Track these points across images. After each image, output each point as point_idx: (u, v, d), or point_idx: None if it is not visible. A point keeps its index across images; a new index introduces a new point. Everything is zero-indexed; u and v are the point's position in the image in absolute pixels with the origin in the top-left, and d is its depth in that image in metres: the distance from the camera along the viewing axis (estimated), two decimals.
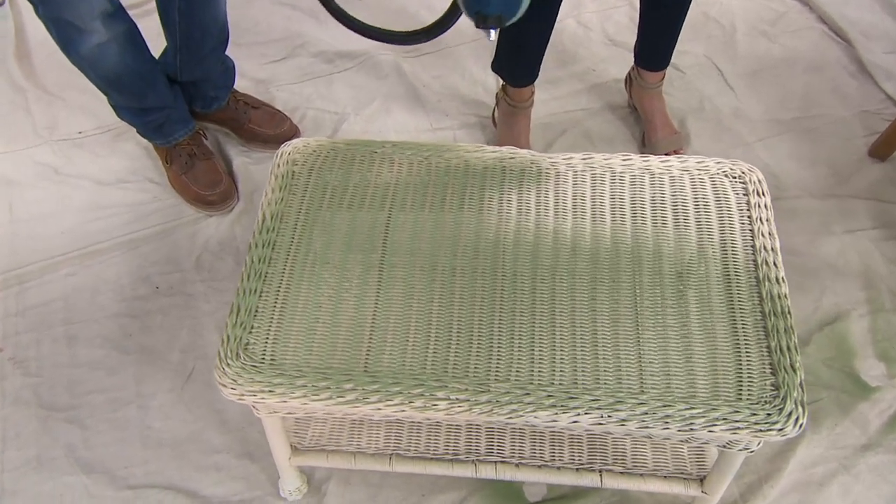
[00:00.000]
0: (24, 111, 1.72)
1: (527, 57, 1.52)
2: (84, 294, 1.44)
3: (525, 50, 1.50)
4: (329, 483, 1.22)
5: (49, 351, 1.37)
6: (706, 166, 1.05)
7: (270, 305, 0.94)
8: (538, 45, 1.49)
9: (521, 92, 1.58)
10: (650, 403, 0.85)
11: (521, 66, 1.54)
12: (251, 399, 0.88)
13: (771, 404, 0.85)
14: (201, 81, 1.55)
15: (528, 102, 1.60)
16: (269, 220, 1.01)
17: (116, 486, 1.22)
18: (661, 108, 1.63)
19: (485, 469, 1.10)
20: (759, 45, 1.86)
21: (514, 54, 1.52)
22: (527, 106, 1.61)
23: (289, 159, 1.07)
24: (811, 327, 1.39)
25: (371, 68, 1.81)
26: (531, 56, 1.52)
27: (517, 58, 1.53)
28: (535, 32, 1.46)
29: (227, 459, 1.25)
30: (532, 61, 1.53)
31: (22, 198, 1.58)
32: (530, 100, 1.60)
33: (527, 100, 1.60)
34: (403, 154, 1.08)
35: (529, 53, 1.51)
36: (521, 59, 1.53)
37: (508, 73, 1.56)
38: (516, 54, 1.52)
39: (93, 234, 1.52)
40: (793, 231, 1.51)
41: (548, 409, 0.86)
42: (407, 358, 0.90)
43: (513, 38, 1.47)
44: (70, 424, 1.29)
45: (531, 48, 1.50)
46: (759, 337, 0.90)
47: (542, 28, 1.45)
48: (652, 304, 0.93)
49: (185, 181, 1.55)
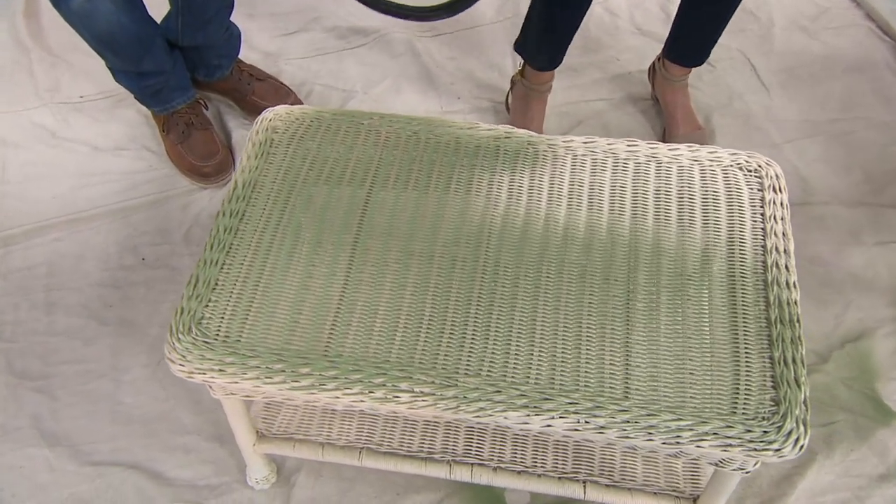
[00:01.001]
0: (27, 72, 1.69)
1: (554, 40, 1.43)
2: (69, 260, 1.40)
3: (554, 32, 1.41)
4: (299, 474, 1.16)
5: (27, 316, 1.33)
6: (719, 157, 0.96)
7: (232, 279, 0.87)
8: (568, 28, 1.40)
9: (541, 75, 1.49)
10: (633, 411, 0.77)
11: (547, 48, 1.45)
12: (200, 377, 0.82)
13: (769, 421, 0.76)
14: (204, 48, 1.49)
15: (546, 87, 1.52)
16: (241, 189, 0.95)
17: (79, 462, 1.17)
18: (684, 103, 1.53)
19: (460, 471, 1.02)
20: (798, 41, 1.75)
21: (542, 35, 1.42)
22: (544, 90, 1.52)
23: (269, 126, 1.01)
24: (832, 343, 1.28)
25: (384, 46, 1.73)
26: (559, 39, 1.42)
27: (544, 40, 1.43)
28: (568, 15, 1.36)
29: (197, 442, 1.19)
30: (559, 45, 1.44)
31: (16, 159, 1.54)
32: (548, 84, 1.52)
33: (545, 83, 1.51)
34: (391, 127, 1.01)
35: (558, 36, 1.42)
36: (549, 41, 1.43)
37: (532, 55, 1.47)
38: (543, 36, 1.42)
39: (84, 200, 1.47)
40: (819, 239, 1.41)
41: (519, 410, 0.78)
42: (371, 345, 0.82)
43: (542, 17, 1.38)
44: (39, 394, 1.24)
45: (560, 31, 1.40)
46: (762, 346, 0.81)
47: (575, 11, 1.36)
48: (646, 304, 0.84)
49: (180, 151, 1.49)
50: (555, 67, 1.49)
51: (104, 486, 1.15)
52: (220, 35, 1.49)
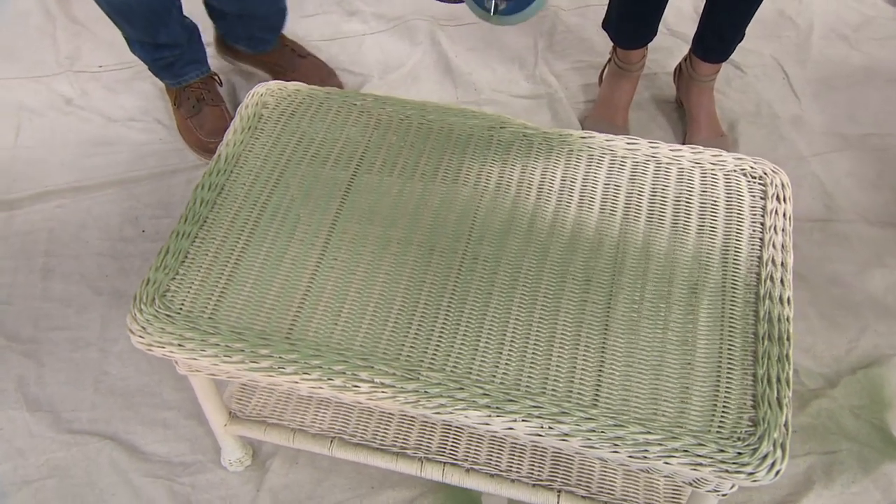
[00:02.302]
0: (50, 39, 1.70)
1: (643, 14, 1.38)
2: (70, 228, 1.40)
3: (641, 5, 1.37)
4: (274, 459, 1.13)
5: (24, 280, 1.33)
6: (723, 161, 0.91)
7: (203, 253, 0.85)
8: (655, 4, 1.35)
9: (630, 54, 1.46)
10: (600, 420, 0.73)
11: (634, 24, 1.41)
12: (160, 351, 0.80)
13: (744, 442, 0.71)
14: (248, 17, 1.47)
15: (637, 66, 1.48)
16: (223, 163, 0.92)
17: (58, 429, 1.16)
18: (708, 106, 1.47)
19: (431, 469, 0.98)
20: (837, 50, 1.67)
21: (628, 10, 1.38)
22: (634, 70, 1.48)
23: (259, 101, 0.98)
24: (842, 368, 1.21)
25: (405, 33, 1.70)
26: (648, 13, 1.38)
27: (631, 14, 1.39)
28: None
29: (177, 418, 1.18)
30: (646, 20, 1.40)
31: (31, 124, 1.55)
32: (639, 63, 1.47)
33: (636, 62, 1.47)
34: (384, 109, 0.98)
35: (646, 10, 1.38)
36: (634, 16, 1.39)
37: (618, 32, 1.44)
38: (630, 9, 1.38)
39: (91, 169, 1.48)
40: (839, 258, 1.34)
41: (481, 410, 0.74)
42: (336, 331, 0.79)
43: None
44: (27, 358, 1.24)
45: (649, 4, 1.36)
46: (745, 362, 0.76)
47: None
48: (627, 308, 0.80)
49: (189, 125, 1.49)
50: (646, 44, 1.44)
51: (80, 455, 1.14)
52: (266, 3, 1.47)
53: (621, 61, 1.47)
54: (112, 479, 1.12)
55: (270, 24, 1.53)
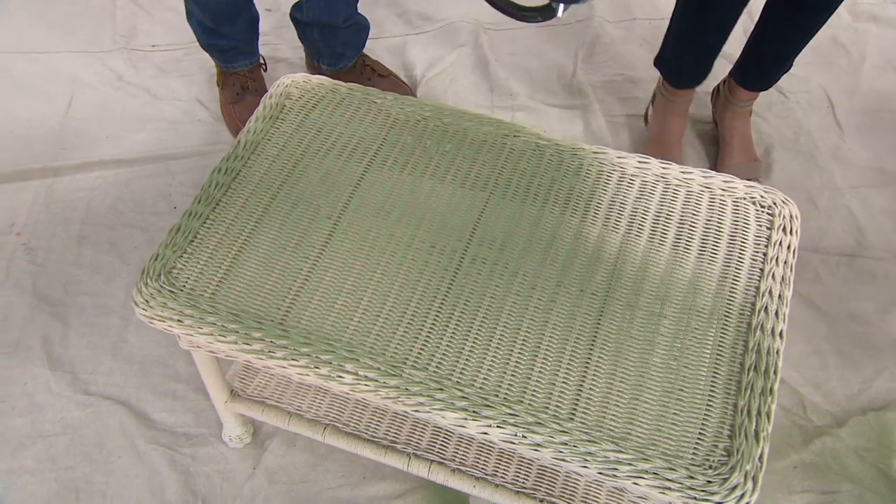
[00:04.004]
0: (109, 16, 1.77)
1: (701, 55, 1.35)
2: (107, 199, 1.46)
3: (698, 46, 1.32)
4: (273, 440, 1.17)
5: (60, 245, 1.40)
6: (734, 187, 0.90)
7: (211, 234, 0.88)
8: (716, 41, 1.31)
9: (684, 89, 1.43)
10: (574, 434, 0.73)
11: (691, 64, 1.37)
12: (160, 325, 0.83)
13: (715, 471, 0.71)
14: (330, 31, 1.50)
15: (689, 100, 1.44)
16: (242, 149, 0.96)
17: (75, 389, 1.22)
18: (743, 130, 1.45)
19: (417, 465, 1.00)
20: (888, 82, 1.62)
21: (685, 51, 1.34)
22: (686, 103, 1.44)
23: (284, 91, 1.01)
24: (852, 408, 1.19)
25: (449, 34, 1.72)
26: (707, 54, 1.34)
27: (688, 55, 1.35)
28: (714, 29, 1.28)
29: (186, 391, 1.22)
30: (706, 60, 1.36)
31: (82, 97, 1.62)
32: (692, 94, 1.45)
33: (688, 96, 1.44)
34: (402, 109, 1.00)
35: (705, 51, 1.34)
36: (694, 57, 1.36)
37: (673, 72, 1.40)
38: (685, 51, 1.34)
39: (133, 144, 1.53)
40: (864, 295, 1.31)
41: (458, 412, 0.75)
42: (328, 321, 0.81)
43: (684, 31, 1.30)
44: (54, 319, 1.30)
45: (706, 46, 1.32)
46: (729, 391, 0.75)
47: (724, 20, 1.27)
48: (617, 325, 0.80)
49: (231, 110, 1.53)
50: (699, 83, 1.41)
51: (93, 417, 1.19)
52: (345, 14, 1.48)
53: (674, 96, 1.44)
54: (119, 442, 1.17)
55: (352, 40, 1.54)
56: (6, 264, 1.37)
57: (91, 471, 1.14)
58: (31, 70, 1.67)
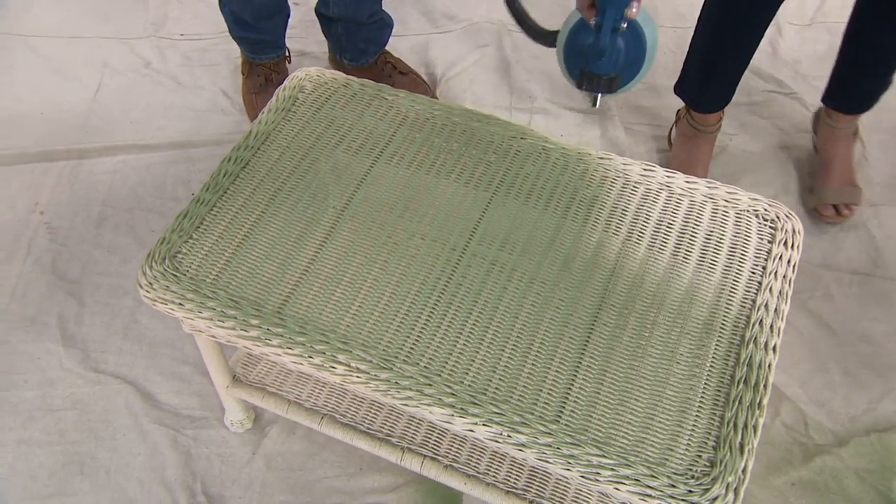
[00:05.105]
0: (142, 4, 1.81)
1: (720, 80, 1.32)
2: (128, 183, 1.49)
3: (719, 71, 1.30)
4: (273, 427, 1.19)
5: (80, 225, 1.43)
6: (737, 199, 0.90)
7: (217, 222, 0.90)
8: (736, 67, 1.29)
9: (708, 116, 1.39)
10: (558, 436, 0.74)
11: (711, 89, 1.34)
12: (162, 307, 0.85)
13: (697, 481, 0.71)
14: (354, 27, 1.51)
15: (715, 127, 1.41)
16: (252, 139, 0.97)
17: (86, 366, 1.25)
18: (845, 154, 1.40)
19: (410, 459, 1.01)
20: None
21: (705, 75, 1.32)
22: (712, 131, 1.41)
23: (297, 85, 1.03)
24: (855, 428, 1.17)
25: (472, 35, 1.73)
26: (726, 79, 1.32)
27: (708, 80, 1.33)
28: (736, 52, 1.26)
29: (192, 374, 1.25)
30: (726, 85, 1.33)
31: (111, 82, 1.66)
32: (718, 124, 1.41)
33: (713, 124, 1.40)
34: (412, 107, 1.01)
35: (724, 76, 1.31)
36: (714, 81, 1.33)
37: (695, 97, 1.38)
38: (707, 75, 1.32)
39: (156, 130, 1.57)
40: (876, 316, 1.29)
41: (445, 408, 0.76)
42: (325, 312, 0.83)
43: (706, 56, 1.28)
44: (70, 297, 1.33)
45: (728, 70, 1.30)
46: (716, 403, 0.75)
47: (744, 46, 1.25)
48: (610, 331, 0.80)
49: (253, 100, 1.56)
50: (722, 108, 1.38)
51: (101, 394, 1.22)
52: (370, 10, 1.49)
53: (697, 123, 1.40)
54: (125, 420, 1.20)
55: (375, 36, 1.56)
56: (28, 242, 1.40)
57: (96, 446, 1.17)
58: (66, 54, 1.71)
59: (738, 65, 1.30)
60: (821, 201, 1.39)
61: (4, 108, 1.61)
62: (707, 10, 1.25)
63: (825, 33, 1.71)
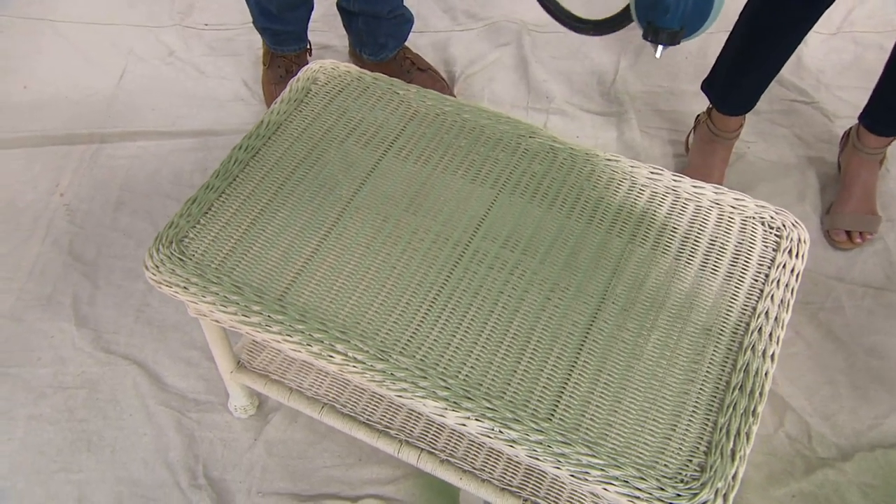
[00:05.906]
0: None
1: (749, 83, 1.30)
2: (147, 169, 1.51)
3: (751, 73, 1.28)
4: (276, 414, 1.20)
5: (98, 208, 1.46)
6: (744, 205, 0.89)
7: (225, 208, 0.91)
8: (768, 70, 1.28)
9: (730, 121, 1.38)
10: (549, 434, 0.74)
11: (738, 91, 1.33)
12: (167, 290, 0.87)
13: (686, 485, 0.71)
14: (373, 21, 1.52)
15: (734, 133, 1.40)
16: (264, 129, 0.99)
17: (96, 346, 1.27)
18: (868, 179, 1.37)
19: (407, 452, 1.02)
20: None
21: (735, 77, 1.30)
22: (731, 137, 1.40)
23: (311, 76, 1.04)
24: (860, 443, 1.16)
25: (493, 33, 1.73)
26: (755, 84, 1.30)
27: (737, 82, 1.31)
28: (769, 59, 1.24)
29: (200, 358, 1.27)
30: (753, 90, 1.32)
31: (135, 69, 1.69)
32: (737, 131, 1.40)
33: (733, 130, 1.39)
34: (422, 102, 1.01)
35: (755, 78, 1.29)
36: (742, 84, 1.31)
37: (720, 97, 1.36)
38: (737, 77, 1.30)
39: (176, 118, 1.59)
40: (887, 330, 1.27)
41: (438, 401, 0.77)
42: (325, 302, 0.84)
43: (738, 57, 1.27)
44: (85, 278, 1.36)
45: (759, 72, 1.28)
46: (710, 408, 0.75)
47: (779, 55, 1.24)
48: (608, 331, 0.80)
49: (273, 90, 1.57)
50: (747, 112, 1.37)
51: (110, 374, 1.25)
52: (391, 6, 1.50)
53: (717, 128, 1.39)
54: (132, 400, 1.22)
55: (395, 31, 1.56)
56: (47, 222, 1.43)
57: (104, 425, 1.19)
58: (93, 40, 1.74)
59: (769, 72, 1.29)
60: (834, 226, 1.37)
61: (32, 91, 1.65)
62: (749, 12, 1.24)
63: (851, 43, 1.68)
